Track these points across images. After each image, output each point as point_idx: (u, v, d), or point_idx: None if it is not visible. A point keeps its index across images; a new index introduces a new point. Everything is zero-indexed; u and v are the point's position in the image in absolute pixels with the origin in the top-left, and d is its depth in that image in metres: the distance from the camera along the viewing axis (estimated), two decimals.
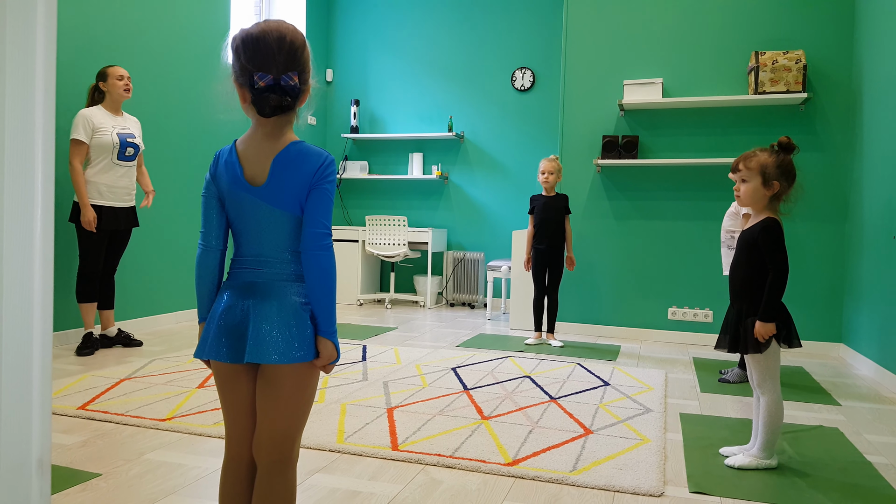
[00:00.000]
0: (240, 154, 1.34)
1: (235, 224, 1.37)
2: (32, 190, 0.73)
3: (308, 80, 1.34)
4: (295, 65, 1.29)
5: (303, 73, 1.32)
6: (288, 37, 1.29)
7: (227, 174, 1.34)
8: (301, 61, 1.31)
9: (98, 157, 3.84)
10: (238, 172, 1.32)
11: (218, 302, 1.36)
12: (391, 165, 7.04)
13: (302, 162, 1.30)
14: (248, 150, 1.34)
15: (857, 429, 2.88)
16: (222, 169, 1.35)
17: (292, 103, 1.30)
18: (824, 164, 4.67)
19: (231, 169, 1.33)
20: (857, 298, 4.32)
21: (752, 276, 2.33)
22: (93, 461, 2.25)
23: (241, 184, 1.32)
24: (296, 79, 1.28)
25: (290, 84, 1.28)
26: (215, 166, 1.37)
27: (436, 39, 6.82)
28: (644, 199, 5.05)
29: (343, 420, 2.73)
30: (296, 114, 1.36)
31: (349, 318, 5.61)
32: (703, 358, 4.36)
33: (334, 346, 1.34)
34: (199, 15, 5.16)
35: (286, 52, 1.28)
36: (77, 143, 3.76)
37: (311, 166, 1.30)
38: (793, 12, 4.73)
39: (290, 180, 1.30)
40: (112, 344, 4.09)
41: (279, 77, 1.27)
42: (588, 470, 2.25)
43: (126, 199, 3.99)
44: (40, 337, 0.67)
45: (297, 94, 1.30)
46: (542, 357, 4.21)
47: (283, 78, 1.27)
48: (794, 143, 2.32)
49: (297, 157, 1.31)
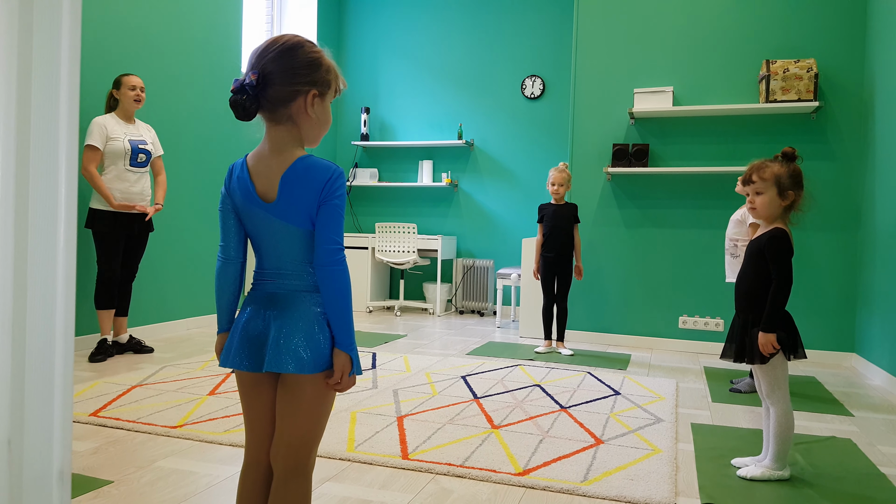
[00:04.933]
0: (251, 170, 1.34)
1: (253, 238, 1.39)
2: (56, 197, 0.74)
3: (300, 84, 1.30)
4: (264, 64, 1.27)
5: (284, 73, 1.28)
6: (266, 44, 1.30)
7: (241, 190, 1.35)
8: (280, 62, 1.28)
9: (111, 164, 3.88)
10: (250, 189, 1.33)
11: (241, 313, 1.38)
12: (401, 173, 7.05)
13: (310, 177, 1.30)
14: (258, 166, 1.34)
15: (870, 440, 2.85)
16: (235, 184, 1.36)
17: (247, 101, 1.26)
18: (836, 173, 4.64)
19: (244, 185, 1.34)
20: (869, 308, 4.28)
21: (759, 286, 2.31)
22: (104, 468, 2.26)
23: (254, 200, 1.33)
24: (253, 77, 1.26)
25: (247, 82, 1.26)
26: (229, 181, 1.38)
27: (446, 47, 6.85)
28: (654, 207, 5.04)
29: (353, 428, 2.74)
30: (295, 124, 1.32)
31: (359, 326, 5.62)
32: (713, 367, 4.33)
33: (349, 358, 1.34)
34: (213, 24, 5.21)
35: (258, 55, 1.29)
36: (92, 148, 3.80)
37: (319, 182, 1.29)
38: (804, 21, 4.72)
39: (300, 196, 1.30)
40: (124, 350, 4.11)
41: (244, 78, 1.27)
42: (599, 480, 2.24)
43: (141, 204, 4.03)
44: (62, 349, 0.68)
45: (257, 92, 1.26)
46: (552, 366, 4.20)
47: (245, 77, 1.27)
48: (796, 153, 2.32)
49: (304, 173, 1.30)
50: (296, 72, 1.30)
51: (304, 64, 1.31)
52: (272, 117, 1.32)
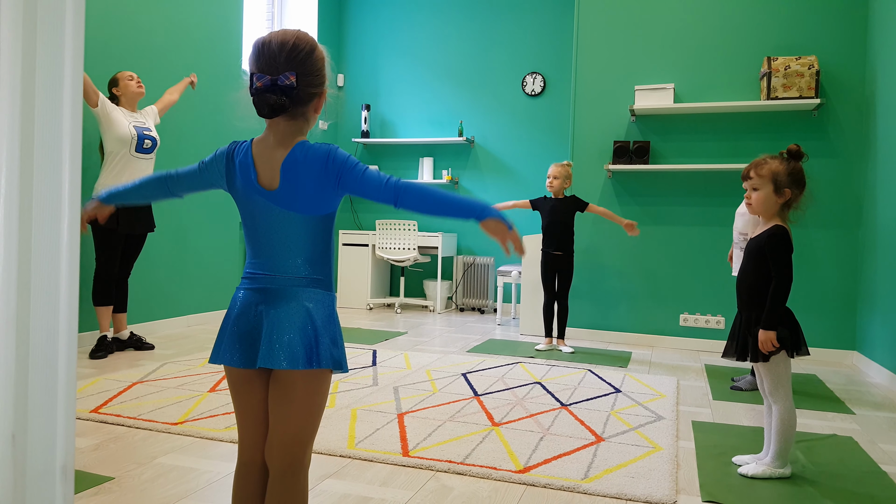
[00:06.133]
0: (255, 157, 1.35)
1: (248, 227, 1.38)
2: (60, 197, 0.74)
3: (318, 86, 1.34)
4: (294, 66, 1.29)
5: (308, 76, 1.31)
6: (291, 41, 1.30)
7: (242, 176, 1.35)
8: (306, 65, 1.31)
9: (117, 151, 3.87)
10: (252, 177, 1.34)
11: (231, 306, 1.37)
12: (401, 170, 7.05)
13: (309, 160, 1.32)
14: (262, 154, 1.35)
15: (871, 438, 2.85)
16: (237, 169, 1.36)
17: (288, 103, 1.28)
18: (837, 170, 4.64)
19: (245, 171, 1.35)
20: (870, 305, 4.28)
21: (759, 284, 2.31)
22: (105, 465, 2.26)
23: (255, 188, 1.33)
24: (292, 78, 1.27)
25: (286, 84, 1.27)
26: (229, 160, 1.38)
27: (446, 44, 6.84)
28: (655, 204, 5.04)
29: (354, 425, 2.74)
30: (306, 120, 1.36)
31: (359, 323, 5.62)
32: (714, 365, 4.33)
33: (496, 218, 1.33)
34: (213, 22, 5.20)
35: (286, 55, 1.29)
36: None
37: (320, 162, 1.31)
38: (805, 18, 4.71)
39: (302, 181, 1.31)
40: (124, 347, 4.11)
41: (277, 77, 1.27)
42: (600, 478, 2.24)
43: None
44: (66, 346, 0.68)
45: (293, 93, 1.28)
46: (553, 363, 4.20)
47: (279, 78, 1.27)
48: (802, 151, 2.31)
49: (303, 157, 1.32)
50: (318, 73, 1.34)
51: (321, 66, 1.35)
52: (289, 114, 1.33)
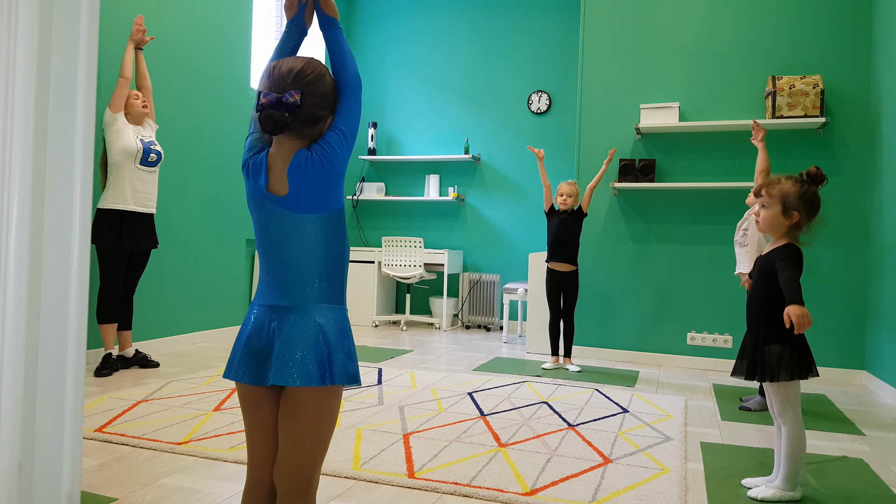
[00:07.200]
0: (269, 163, 1.36)
1: (260, 239, 1.38)
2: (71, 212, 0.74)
3: (326, 110, 1.35)
4: (301, 87, 1.31)
5: (315, 97, 1.33)
6: (300, 65, 1.33)
7: (254, 177, 1.36)
8: (313, 87, 1.32)
9: (123, 162, 3.90)
10: (263, 183, 1.35)
11: (245, 323, 1.38)
12: (408, 187, 7.07)
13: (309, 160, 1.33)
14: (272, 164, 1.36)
15: (882, 460, 2.81)
16: (253, 169, 1.37)
17: (291, 119, 1.29)
18: (844, 189, 4.63)
19: (257, 172, 1.36)
20: (879, 324, 4.25)
21: (770, 302, 2.30)
22: (109, 485, 2.25)
23: (264, 193, 1.34)
24: (297, 97, 1.29)
25: (290, 101, 1.29)
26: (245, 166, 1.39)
27: (453, 62, 6.89)
28: (661, 222, 5.03)
29: (359, 446, 2.72)
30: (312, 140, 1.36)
31: (364, 340, 5.60)
32: (722, 384, 4.30)
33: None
34: (222, 39, 5.25)
35: (294, 76, 1.31)
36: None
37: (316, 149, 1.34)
38: (810, 37, 4.72)
39: (308, 178, 1.32)
40: (129, 365, 4.11)
41: (282, 95, 1.29)
42: (608, 500, 2.22)
43: (148, 204, 4.06)
44: (73, 378, 0.68)
45: (297, 111, 1.30)
46: (560, 382, 4.17)
47: (284, 95, 1.29)
48: (823, 174, 2.29)
49: (305, 159, 1.33)
50: (326, 97, 1.36)
51: (330, 91, 1.37)
52: (296, 133, 1.34)
